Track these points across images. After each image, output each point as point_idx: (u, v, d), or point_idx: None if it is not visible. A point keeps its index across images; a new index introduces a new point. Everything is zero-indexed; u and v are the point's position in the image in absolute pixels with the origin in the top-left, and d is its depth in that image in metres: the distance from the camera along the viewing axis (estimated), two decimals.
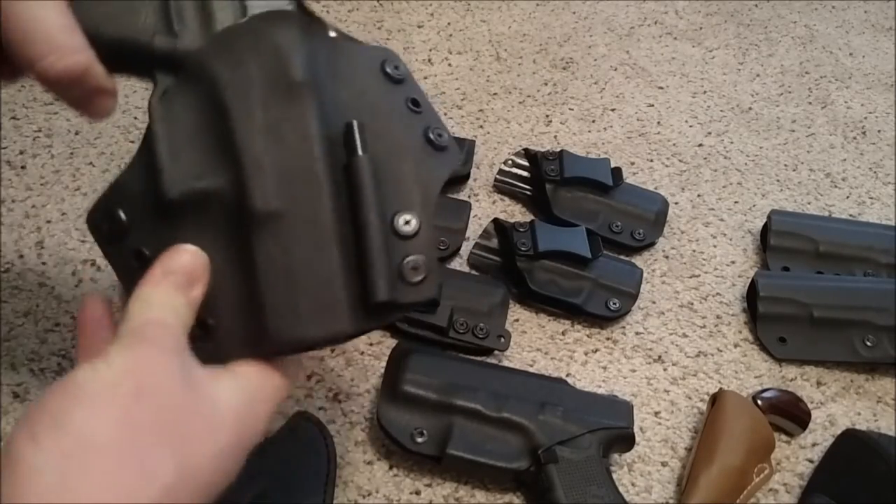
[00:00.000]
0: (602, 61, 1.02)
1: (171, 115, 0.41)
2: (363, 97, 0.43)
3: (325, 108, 0.41)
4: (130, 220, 0.41)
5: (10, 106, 0.84)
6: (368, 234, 0.40)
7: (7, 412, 0.59)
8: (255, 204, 0.39)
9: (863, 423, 0.66)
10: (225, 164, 0.40)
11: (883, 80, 1.05)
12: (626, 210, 0.77)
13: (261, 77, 0.40)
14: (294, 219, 0.40)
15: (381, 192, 0.41)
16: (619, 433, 0.58)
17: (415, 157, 0.43)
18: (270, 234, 0.40)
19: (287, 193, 0.40)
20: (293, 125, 0.40)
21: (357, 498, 0.57)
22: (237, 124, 0.40)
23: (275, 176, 0.40)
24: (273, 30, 0.41)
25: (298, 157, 0.40)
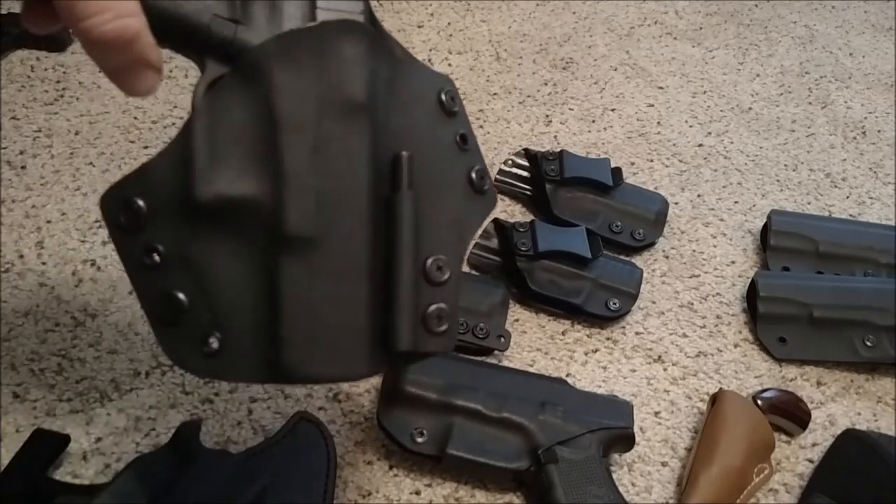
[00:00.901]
0: (602, 61, 1.02)
1: (216, 109, 0.37)
2: (416, 126, 0.41)
3: (377, 134, 0.39)
4: (150, 212, 0.37)
5: (10, 106, 0.84)
6: (400, 278, 0.39)
7: (7, 412, 0.59)
8: (290, 226, 0.37)
9: (863, 423, 0.66)
10: (265, 175, 0.37)
11: (883, 80, 1.05)
12: (626, 210, 0.77)
13: (319, 90, 0.37)
14: (328, 248, 0.38)
15: (417, 231, 0.39)
16: (619, 433, 0.58)
17: (455, 197, 0.42)
18: (300, 261, 0.37)
19: (324, 219, 0.37)
20: (343, 147, 0.38)
21: (357, 498, 0.57)
22: (286, 136, 0.37)
23: (315, 198, 0.37)
24: (341, 41, 0.38)
25: (343, 183, 0.38)
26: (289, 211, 0.37)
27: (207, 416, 0.60)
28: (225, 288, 0.38)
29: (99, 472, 0.56)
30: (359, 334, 0.38)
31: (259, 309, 0.38)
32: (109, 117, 0.84)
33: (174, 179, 0.37)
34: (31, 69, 0.89)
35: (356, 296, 0.38)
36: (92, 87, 0.87)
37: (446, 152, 0.42)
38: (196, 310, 0.38)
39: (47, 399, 0.60)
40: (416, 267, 0.39)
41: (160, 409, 0.60)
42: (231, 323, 0.38)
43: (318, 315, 0.38)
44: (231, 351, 0.38)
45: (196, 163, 0.36)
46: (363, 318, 0.38)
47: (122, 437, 0.58)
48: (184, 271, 0.38)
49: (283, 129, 0.37)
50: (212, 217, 0.37)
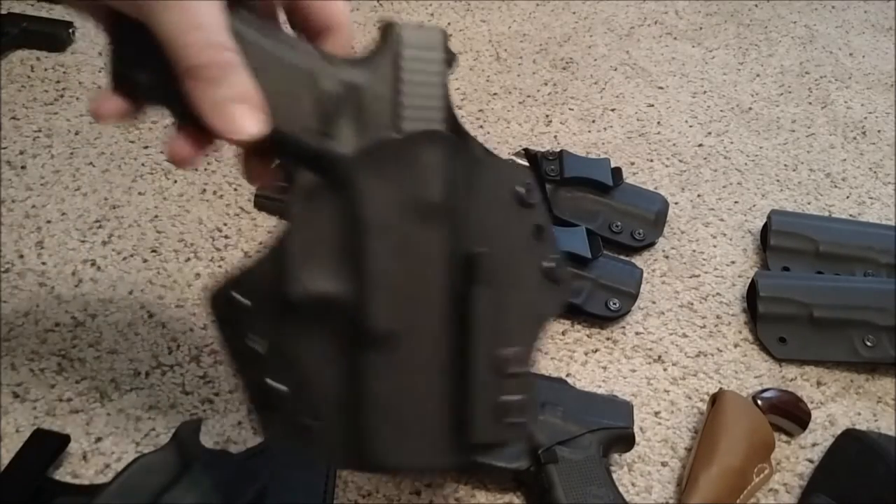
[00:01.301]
0: (602, 61, 1.02)
1: (309, 216, 0.40)
2: (493, 221, 0.43)
3: (455, 232, 0.41)
4: (253, 310, 0.40)
5: (10, 106, 0.84)
6: (474, 372, 0.41)
7: (7, 412, 0.59)
8: (373, 323, 0.40)
9: (863, 423, 0.66)
10: (351, 276, 0.40)
11: (883, 80, 1.05)
12: (626, 210, 0.77)
13: (401, 195, 0.40)
14: (407, 343, 0.40)
15: (493, 325, 0.41)
16: (619, 433, 0.58)
17: (531, 288, 0.43)
18: (383, 356, 0.40)
19: (405, 316, 0.40)
20: (423, 248, 0.40)
21: (357, 498, 0.57)
22: (370, 240, 0.40)
23: (396, 297, 0.40)
24: (421, 149, 0.40)
25: (422, 281, 0.40)
26: (372, 309, 0.40)
27: (207, 416, 0.60)
28: (318, 379, 0.41)
29: (99, 472, 0.56)
30: (438, 427, 0.41)
31: (346, 399, 0.40)
32: None
33: (274, 280, 0.40)
34: (31, 69, 0.89)
35: (434, 389, 0.41)
36: (92, 87, 0.87)
37: (522, 244, 0.44)
38: (293, 398, 0.41)
39: (47, 399, 0.60)
40: (490, 361, 0.41)
41: (160, 409, 0.60)
42: (321, 410, 0.41)
43: (399, 407, 0.40)
44: (321, 436, 0.41)
45: (289, 265, 0.39)
46: (441, 411, 0.41)
47: (122, 437, 0.58)
48: (282, 363, 0.41)
49: (368, 233, 0.39)
50: (303, 313, 0.40)
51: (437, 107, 0.42)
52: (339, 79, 0.40)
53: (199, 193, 0.77)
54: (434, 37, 0.42)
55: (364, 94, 0.40)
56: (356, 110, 0.40)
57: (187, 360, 0.63)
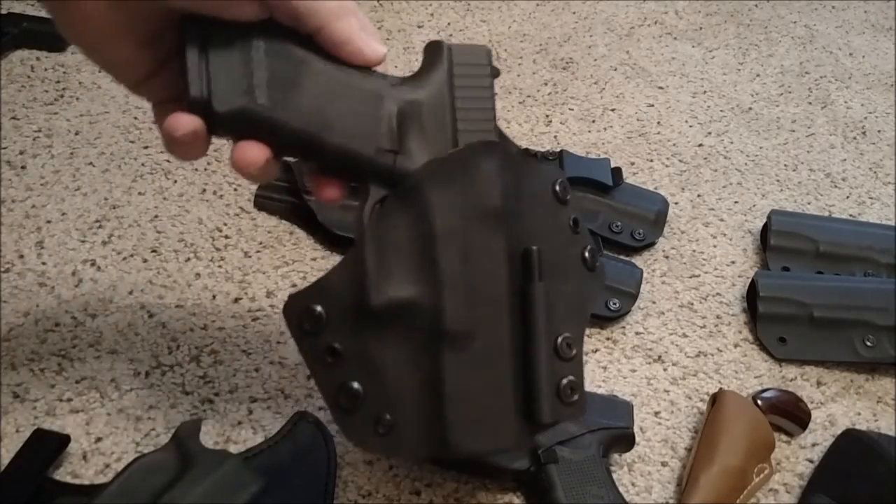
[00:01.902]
0: (602, 61, 1.02)
1: (383, 228, 0.43)
2: (539, 219, 0.46)
3: (512, 232, 0.45)
4: (329, 318, 0.44)
5: (10, 106, 0.84)
6: (538, 360, 0.44)
7: (7, 412, 0.59)
8: (448, 323, 0.43)
9: (863, 423, 0.66)
10: (425, 281, 0.43)
11: (883, 80, 1.05)
12: (626, 210, 0.77)
13: (465, 203, 0.44)
14: (478, 339, 0.44)
15: (549, 314, 0.45)
16: (619, 433, 0.58)
17: (575, 277, 0.47)
18: (457, 353, 0.43)
19: (475, 314, 0.44)
20: (487, 249, 0.44)
21: (357, 498, 0.57)
22: (441, 246, 0.43)
23: (467, 297, 0.43)
24: (480, 160, 0.44)
25: (487, 280, 0.44)
26: (446, 310, 0.43)
27: (207, 416, 0.60)
28: (393, 378, 0.44)
29: (99, 472, 0.56)
30: (508, 411, 0.45)
31: (423, 395, 0.44)
32: (109, 117, 0.84)
33: (349, 289, 0.43)
34: (31, 69, 0.89)
35: (504, 379, 0.44)
36: (92, 87, 0.88)
37: (564, 237, 0.48)
38: (369, 397, 0.44)
39: (47, 399, 0.60)
40: (549, 347, 0.45)
41: (160, 409, 0.60)
42: (400, 407, 0.44)
43: (474, 397, 0.44)
44: (401, 431, 0.44)
45: (369, 275, 0.43)
46: (511, 398, 0.45)
47: (122, 437, 0.58)
48: (358, 365, 0.44)
49: (438, 241, 0.43)
50: (382, 319, 0.43)
51: (489, 118, 0.46)
52: (403, 98, 0.44)
53: (199, 193, 0.77)
54: (481, 53, 0.46)
55: (425, 111, 0.44)
56: (420, 127, 0.44)
57: (187, 360, 0.63)
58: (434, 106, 0.44)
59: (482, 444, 0.45)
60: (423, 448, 0.45)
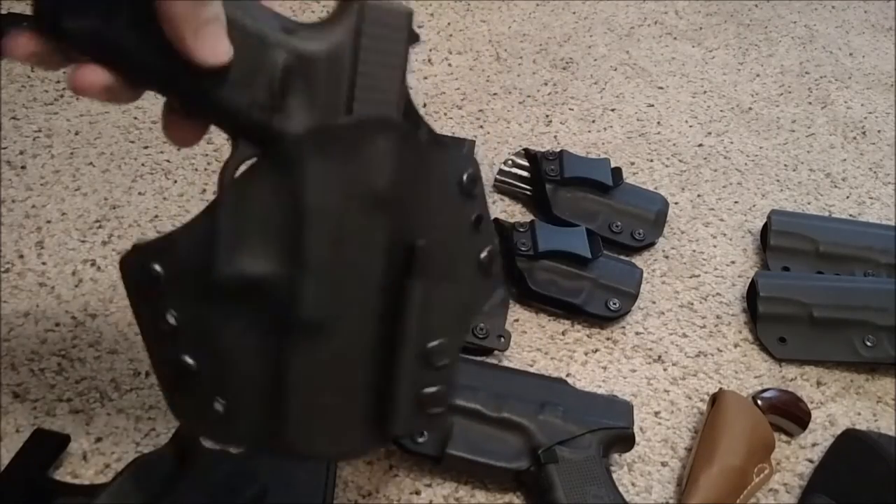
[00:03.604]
0: (602, 61, 1.02)
1: (246, 191, 0.38)
2: (435, 211, 0.41)
3: (397, 222, 0.40)
4: (167, 280, 0.38)
5: (10, 106, 0.84)
6: (401, 364, 0.40)
7: (7, 412, 0.59)
8: (304, 310, 0.38)
9: (863, 423, 0.66)
10: (285, 259, 0.38)
11: (883, 80, 1.05)
12: (626, 210, 0.77)
13: (348, 183, 0.38)
14: (335, 333, 0.39)
15: (423, 318, 0.40)
16: (619, 433, 0.58)
17: (465, 280, 0.43)
18: (309, 345, 0.39)
19: (336, 306, 0.39)
20: (363, 239, 0.39)
21: (357, 498, 0.57)
22: (309, 227, 0.38)
23: (329, 285, 0.38)
24: (374, 137, 0.38)
25: (357, 271, 0.39)
26: (304, 297, 0.38)
27: None
28: (233, 359, 0.39)
29: (99, 472, 0.56)
30: (357, 415, 0.40)
31: (264, 383, 0.39)
32: (109, 117, 0.84)
33: (196, 253, 0.38)
34: (31, 69, 0.89)
35: (355, 380, 0.40)
36: None
37: (461, 235, 0.42)
38: (203, 376, 0.39)
39: (47, 399, 0.60)
40: (417, 353, 0.41)
41: (160, 409, 0.60)
42: (237, 392, 0.39)
43: (319, 396, 0.39)
44: (235, 418, 0.39)
45: (220, 241, 0.37)
46: (361, 401, 0.40)
47: (122, 437, 0.58)
48: (195, 339, 0.39)
49: (308, 219, 0.38)
50: (228, 293, 0.38)
51: (394, 90, 0.39)
52: (294, 49, 0.38)
53: (199, 193, 0.77)
54: (399, 15, 0.39)
55: (319, 68, 0.38)
56: (308, 85, 0.38)
57: None
58: (330, 64, 0.38)
59: (321, 448, 0.41)
60: (256, 441, 0.40)
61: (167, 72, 0.37)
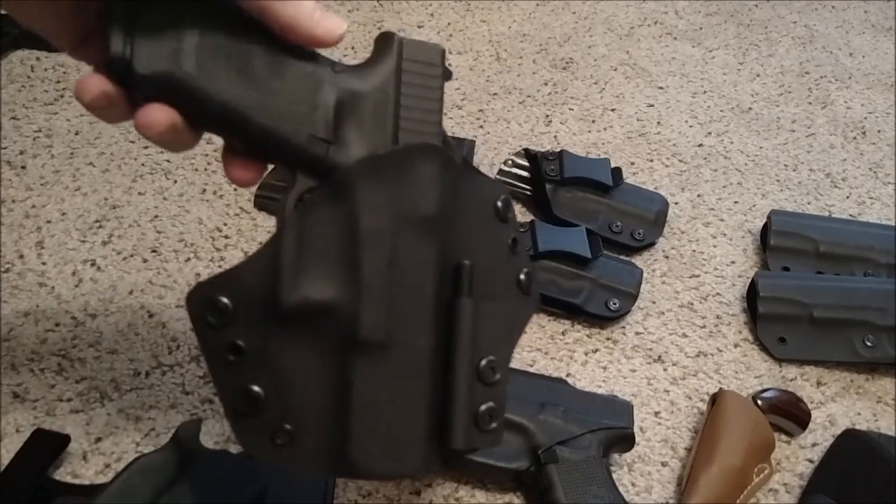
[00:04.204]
0: (602, 61, 1.02)
1: (305, 222, 0.40)
2: (476, 233, 0.44)
3: (445, 244, 0.42)
4: (235, 311, 0.40)
5: (10, 106, 0.84)
6: (457, 381, 0.42)
7: (7, 412, 0.59)
8: (364, 331, 0.40)
9: (863, 423, 0.66)
10: (344, 284, 0.40)
11: (883, 80, 1.05)
12: (626, 210, 0.77)
13: (398, 207, 0.41)
14: (395, 352, 0.41)
15: (475, 335, 0.42)
16: (619, 433, 0.58)
17: (508, 299, 0.45)
18: (370, 363, 0.40)
19: (394, 326, 0.40)
20: (415, 260, 0.41)
21: (357, 498, 0.57)
22: (366, 250, 0.40)
23: (388, 307, 0.40)
24: (419, 163, 0.41)
25: (412, 291, 0.41)
26: (364, 318, 0.40)
27: (207, 416, 0.60)
28: (298, 385, 0.41)
29: (99, 472, 0.56)
30: (418, 433, 0.42)
31: (329, 406, 0.41)
32: None
33: (262, 283, 0.40)
34: (31, 69, 0.89)
35: (417, 398, 0.41)
36: None
37: (501, 256, 0.45)
38: (270, 403, 0.41)
39: (47, 399, 0.60)
40: (471, 369, 0.42)
41: (160, 409, 0.60)
42: (302, 417, 0.41)
43: (382, 414, 0.41)
44: (301, 443, 0.41)
45: (284, 270, 0.39)
46: (422, 419, 0.42)
47: (122, 437, 0.58)
48: (262, 367, 0.40)
49: (364, 244, 0.40)
50: (293, 319, 0.40)
51: (434, 121, 0.43)
52: (344, 87, 0.41)
53: (199, 193, 0.77)
54: (433, 52, 0.43)
55: (367, 102, 0.41)
56: (358, 119, 0.41)
57: (187, 360, 0.63)
58: (377, 99, 0.41)
59: (386, 467, 0.41)
60: (321, 464, 0.41)
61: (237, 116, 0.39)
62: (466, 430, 0.42)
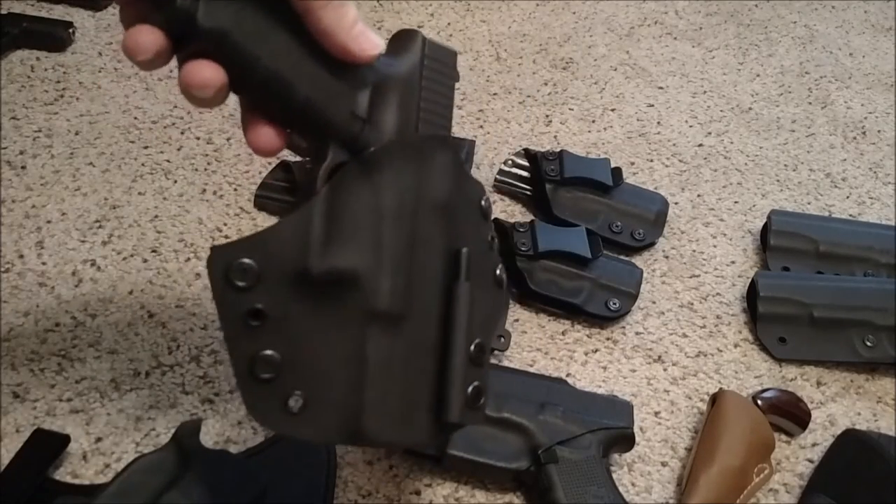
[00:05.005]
0: (602, 61, 1.02)
1: (337, 194, 0.41)
2: (470, 226, 0.46)
3: (451, 230, 0.44)
4: (257, 274, 0.40)
5: (10, 106, 0.84)
6: (456, 357, 0.44)
7: (7, 412, 0.59)
8: (383, 302, 0.42)
9: (863, 423, 0.66)
10: (369, 256, 0.41)
11: (883, 80, 1.05)
12: (626, 210, 0.77)
13: (419, 190, 0.43)
14: (409, 325, 0.43)
15: (470, 317, 0.44)
16: (619, 433, 0.58)
17: (488, 290, 0.47)
18: (386, 334, 0.42)
19: (410, 300, 0.42)
20: (429, 241, 0.43)
21: (357, 498, 0.57)
22: (389, 227, 0.42)
23: (406, 281, 0.42)
24: (438, 152, 0.44)
25: (426, 271, 0.43)
26: (384, 290, 0.42)
27: (207, 416, 0.60)
28: (315, 352, 0.41)
29: (99, 472, 0.56)
30: (424, 405, 0.43)
31: (344, 373, 0.42)
32: (109, 117, 0.84)
33: (290, 250, 0.40)
34: (31, 69, 0.89)
35: (426, 371, 0.43)
36: (92, 87, 0.88)
37: (485, 250, 0.47)
38: (286, 370, 0.41)
39: (47, 399, 0.60)
40: (466, 349, 0.44)
41: (160, 409, 0.60)
42: (317, 383, 0.41)
43: (395, 385, 0.42)
44: (312, 410, 0.41)
45: (314, 238, 0.41)
46: (428, 390, 0.44)
47: (122, 437, 0.58)
48: (281, 332, 0.41)
49: (388, 219, 0.42)
50: (318, 287, 0.41)
51: (448, 117, 0.45)
52: (380, 71, 0.43)
53: (199, 193, 0.77)
54: (450, 54, 0.46)
55: (398, 89, 0.43)
56: (390, 103, 0.43)
57: (187, 360, 0.63)
58: (405, 88, 0.43)
59: (395, 436, 0.43)
60: (331, 431, 0.42)
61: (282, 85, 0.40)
62: (462, 406, 0.44)
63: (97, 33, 0.95)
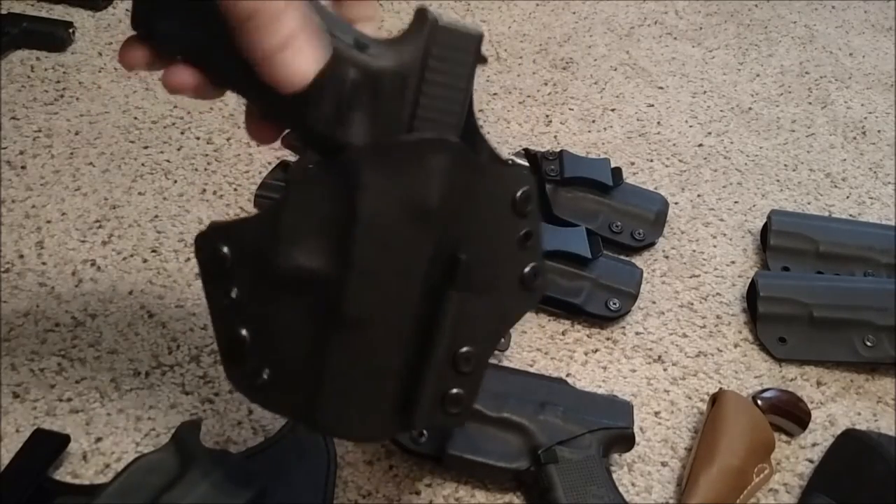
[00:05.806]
0: (602, 61, 1.02)
1: (307, 194, 0.41)
2: (483, 227, 0.44)
3: (443, 235, 0.42)
4: (233, 261, 0.42)
5: (10, 106, 0.84)
6: (430, 365, 0.44)
7: (7, 412, 0.59)
8: (348, 308, 0.42)
9: (863, 423, 0.66)
10: (336, 260, 0.41)
11: (883, 80, 1.05)
12: (626, 210, 0.77)
13: (399, 196, 0.41)
14: (374, 330, 0.43)
15: (458, 326, 0.44)
16: (619, 433, 0.58)
17: (504, 293, 0.45)
18: (349, 338, 0.43)
19: (377, 307, 0.42)
20: (409, 248, 0.42)
21: (357, 498, 0.57)
22: (361, 231, 0.41)
23: (373, 287, 0.42)
24: (429, 156, 0.41)
25: (401, 279, 0.42)
26: (349, 295, 0.42)
27: (207, 416, 0.60)
28: (281, 337, 0.43)
29: (99, 472, 0.56)
30: (382, 404, 0.44)
31: (305, 363, 0.43)
32: (109, 117, 0.84)
33: (260, 241, 0.42)
34: (31, 69, 0.89)
35: (387, 372, 0.44)
36: (92, 87, 0.88)
37: (507, 251, 0.45)
38: (254, 347, 0.43)
39: (47, 399, 0.60)
40: (446, 356, 0.44)
41: (160, 409, 0.60)
42: (280, 366, 0.44)
43: (351, 382, 0.43)
44: (276, 388, 0.44)
45: (282, 235, 0.41)
46: (391, 391, 0.44)
47: (122, 437, 0.58)
48: (251, 314, 0.43)
49: (359, 224, 0.41)
50: (283, 280, 0.42)
51: (455, 112, 0.42)
52: (364, 66, 0.40)
53: (199, 193, 0.77)
54: (468, 39, 0.41)
55: (385, 85, 0.40)
56: (373, 101, 0.40)
57: (187, 360, 0.63)
58: (396, 82, 0.40)
59: (346, 429, 0.45)
60: (292, 412, 0.46)
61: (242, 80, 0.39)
62: (429, 408, 0.44)
63: (97, 33, 0.95)
